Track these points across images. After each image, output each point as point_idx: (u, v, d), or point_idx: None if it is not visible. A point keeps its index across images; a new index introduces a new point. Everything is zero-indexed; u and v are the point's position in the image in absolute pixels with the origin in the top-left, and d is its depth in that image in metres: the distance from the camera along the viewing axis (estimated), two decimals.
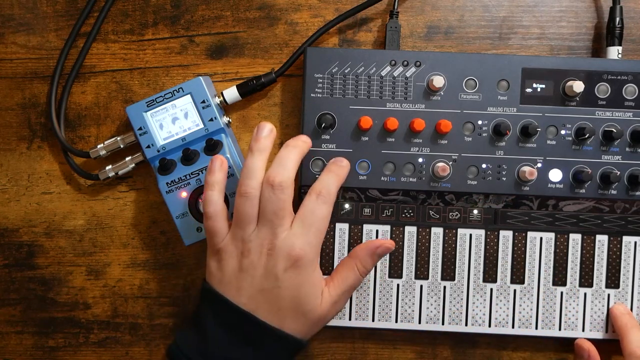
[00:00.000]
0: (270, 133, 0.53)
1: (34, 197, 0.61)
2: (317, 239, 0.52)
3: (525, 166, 0.56)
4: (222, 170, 0.53)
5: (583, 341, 0.57)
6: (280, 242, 0.51)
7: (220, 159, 0.54)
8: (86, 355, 0.62)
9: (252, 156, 0.52)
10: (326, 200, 0.52)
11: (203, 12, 0.60)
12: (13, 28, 0.61)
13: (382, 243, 0.54)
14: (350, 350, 0.61)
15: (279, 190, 0.51)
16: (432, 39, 0.60)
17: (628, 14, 0.59)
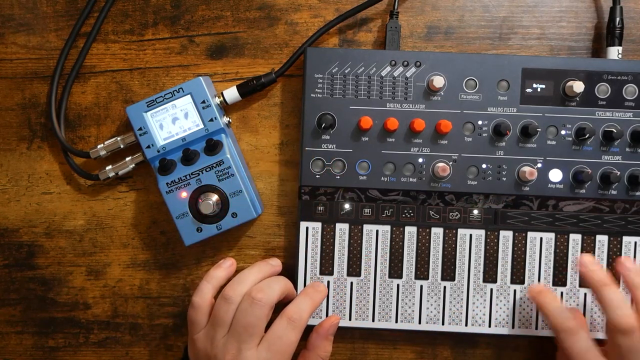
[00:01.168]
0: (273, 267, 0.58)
1: (34, 197, 0.61)
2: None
3: (526, 166, 0.56)
4: (227, 271, 0.57)
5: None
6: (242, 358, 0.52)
7: (232, 261, 0.58)
8: (86, 355, 0.62)
9: (251, 269, 0.56)
10: (296, 326, 0.53)
11: (203, 12, 0.60)
12: (13, 28, 0.61)
13: (330, 323, 0.57)
14: (350, 350, 0.61)
15: (257, 305, 0.52)
16: (432, 39, 0.60)
17: (628, 14, 0.59)
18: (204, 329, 0.54)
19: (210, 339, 0.53)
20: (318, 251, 0.58)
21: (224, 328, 0.53)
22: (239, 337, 0.52)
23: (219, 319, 0.53)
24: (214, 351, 0.53)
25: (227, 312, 0.53)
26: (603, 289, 0.51)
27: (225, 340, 0.53)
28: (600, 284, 0.52)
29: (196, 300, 0.55)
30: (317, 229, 0.58)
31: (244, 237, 0.61)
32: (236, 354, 0.52)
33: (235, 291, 0.54)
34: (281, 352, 0.52)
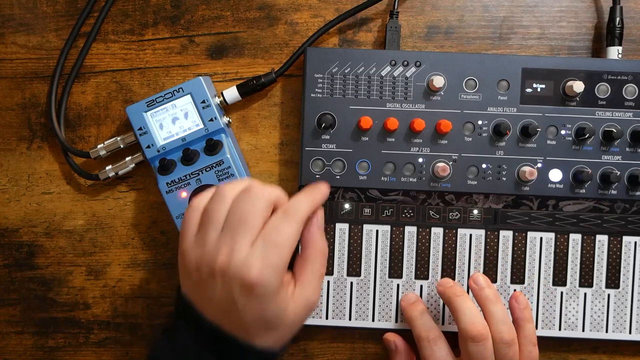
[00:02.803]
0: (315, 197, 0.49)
1: (34, 197, 0.61)
2: (281, 260, 0.45)
3: (525, 166, 0.56)
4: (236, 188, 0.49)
5: (389, 334, 0.58)
6: (236, 262, 0.45)
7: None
8: (86, 355, 0.62)
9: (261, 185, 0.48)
10: (293, 219, 0.46)
11: (203, 12, 0.60)
12: (13, 28, 0.61)
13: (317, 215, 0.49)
14: (350, 350, 0.61)
15: (254, 196, 0.46)
16: (432, 39, 0.60)
17: (628, 14, 0.59)
18: (194, 235, 0.48)
19: (202, 244, 0.47)
20: None
21: (216, 227, 0.46)
22: (233, 233, 0.45)
23: (212, 216, 0.47)
24: (204, 257, 0.46)
25: (220, 209, 0.47)
26: (456, 299, 0.54)
27: (217, 240, 0.46)
28: (453, 294, 0.55)
29: (195, 202, 0.48)
30: None
31: None
32: (229, 252, 0.45)
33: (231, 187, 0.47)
34: (279, 246, 0.45)
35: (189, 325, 0.48)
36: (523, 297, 0.56)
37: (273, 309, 0.46)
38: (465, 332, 0.52)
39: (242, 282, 0.45)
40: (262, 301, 0.45)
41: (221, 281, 0.45)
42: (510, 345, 0.52)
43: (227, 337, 0.46)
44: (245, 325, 0.46)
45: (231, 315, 0.46)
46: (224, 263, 0.45)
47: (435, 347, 0.54)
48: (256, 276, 0.44)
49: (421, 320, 0.55)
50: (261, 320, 0.46)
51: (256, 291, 0.45)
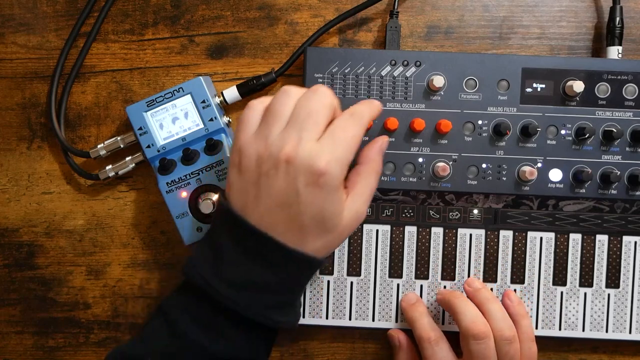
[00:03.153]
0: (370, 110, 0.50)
1: (34, 197, 0.61)
2: (346, 155, 0.47)
3: (526, 166, 0.56)
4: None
5: (393, 330, 0.58)
6: (304, 151, 0.46)
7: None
8: (86, 355, 0.62)
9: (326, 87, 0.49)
10: (358, 121, 0.48)
11: (203, 12, 0.60)
12: (13, 28, 0.61)
13: (382, 139, 0.52)
14: (350, 350, 0.61)
15: (322, 94, 0.47)
16: (432, 38, 0.60)
17: (628, 14, 0.59)
18: (254, 133, 0.48)
19: (264, 138, 0.47)
20: None
21: (281, 122, 0.47)
22: (301, 126, 0.46)
23: (277, 111, 0.47)
24: (268, 150, 0.46)
25: (286, 104, 0.47)
26: (455, 301, 0.55)
27: (282, 133, 0.47)
28: (451, 297, 0.55)
29: (254, 102, 0.49)
30: None
31: None
32: (296, 144, 0.46)
33: (294, 88, 0.48)
34: (345, 142, 0.47)
35: (233, 236, 0.48)
36: (514, 294, 0.57)
37: (331, 206, 0.47)
38: (467, 331, 0.52)
39: (309, 170, 0.45)
40: (324, 193, 0.46)
41: (285, 172, 0.46)
42: (511, 342, 0.52)
43: (279, 246, 0.47)
44: (301, 222, 0.47)
45: (289, 211, 0.47)
46: (292, 152, 0.46)
47: (437, 348, 0.54)
48: (324, 165, 0.45)
49: (422, 321, 0.55)
50: (319, 216, 0.47)
51: (322, 180, 0.46)
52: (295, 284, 0.50)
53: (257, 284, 0.48)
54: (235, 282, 0.47)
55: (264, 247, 0.47)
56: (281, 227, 0.47)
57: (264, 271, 0.47)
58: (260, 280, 0.48)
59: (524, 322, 0.55)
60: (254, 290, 0.48)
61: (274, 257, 0.47)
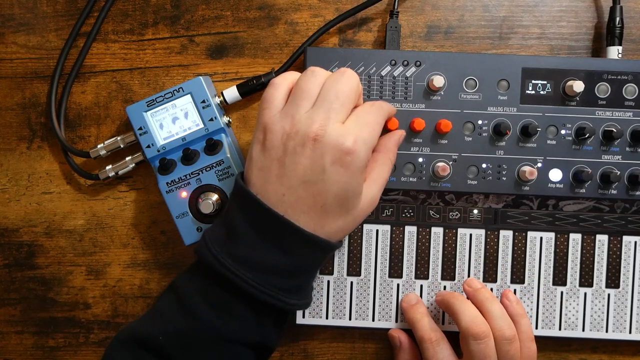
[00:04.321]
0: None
1: (34, 197, 0.61)
2: (371, 138, 0.48)
3: (526, 166, 0.56)
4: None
5: (393, 330, 0.58)
6: (332, 129, 0.46)
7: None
8: (86, 355, 0.62)
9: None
10: (380, 110, 0.49)
11: (203, 12, 0.60)
12: (13, 28, 0.61)
13: (400, 132, 0.54)
14: (350, 350, 0.61)
15: (349, 77, 0.48)
16: (432, 38, 0.60)
17: (628, 14, 0.59)
18: (280, 111, 0.49)
19: (291, 116, 0.47)
20: None
21: (309, 101, 0.48)
22: (329, 106, 0.47)
23: (304, 90, 0.48)
24: (295, 127, 0.47)
25: (314, 84, 0.48)
26: (454, 302, 0.55)
27: (310, 112, 0.47)
28: (450, 297, 0.55)
29: (278, 80, 0.50)
30: None
31: None
32: (324, 123, 0.46)
33: (320, 69, 0.49)
34: (370, 126, 0.48)
35: (248, 216, 0.48)
36: (513, 294, 0.57)
37: (354, 187, 0.48)
38: (467, 330, 0.52)
39: (337, 148, 0.46)
40: (350, 172, 0.47)
41: (312, 149, 0.47)
42: (511, 342, 0.52)
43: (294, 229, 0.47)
44: (324, 200, 0.47)
45: (313, 189, 0.47)
46: (320, 130, 0.46)
47: (438, 349, 0.54)
48: (352, 144, 0.46)
49: (423, 322, 0.55)
50: (343, 195, 0.48)
51: (348, 159, 0.46)
52: (309, 268, 0.50)
53: (272, 266, 0.48)
54: (249, 264, 0.47)
55: (281, 230, 0.47)
56: (303, 206, 0.47)
57: (279, 254, 0.48)
58: (276, 263, 0.48)
59: (523, 322, 0.55)
60: (267, 273, 0.48)
61: (290, 241, 0.48)
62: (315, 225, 0.48)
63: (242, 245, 0.48)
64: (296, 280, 0.49)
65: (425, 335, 0.55)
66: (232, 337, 0.49)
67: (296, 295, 0.50)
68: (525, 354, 0.54)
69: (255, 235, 0.48)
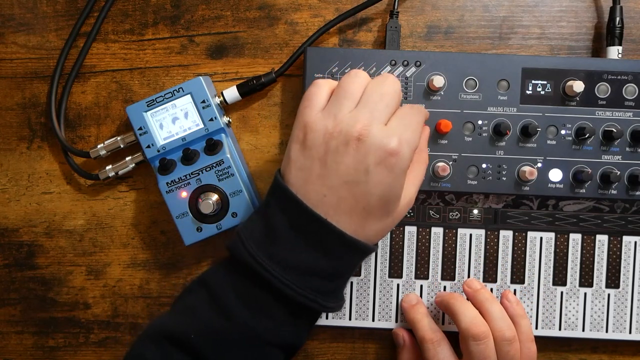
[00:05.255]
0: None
1: (34, 197, 0.61)
2: (414, 140, 0.47)
3: (525, 166, 0.56)
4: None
5: (397, 329, 0.58)
6: (376, 131, 0.46)
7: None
8: (86, 355, 0.62)
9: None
10: (419, 112, 0.49)
11: (203, 12, 0.60)
12: (13, 28, 0.61)
13: (428, 130, 0.54)
14: (350, 350, 0.61)
15: (393, 80, 0.48)
16: (432, 39, 0.60)
17: (628, 14, 0.59)
18: (321, 110, 0.48)
19: (333, 116, 0.47)
20: None
21: (352, 101, 0.47)
22: (374, 106, 0.47)
23: (347, 91, 0.48)
24: (338, 126, 0.46)
25: (358, 84, 0.48)
26: (454, 302, 0.55)
27: (354, 112, 0.47)
28: (450, 298, 0.55)
29: (320, 80, 0.50)
30: None
31: None
32: (368, 123, 0.46)
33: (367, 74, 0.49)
34: (413, 128, 0.47)
35: (288, 216, 0.48)
36: (513, 294, 0.57)
37: (396, 188, 0.47)
38: (467, 331, 0.52)
39: (382, 149, 0.46)
40: (393, 174, 0.46)
41: (355, 149, 0.46)
42: (511, 342, 0.52)
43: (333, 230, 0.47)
44: (367, 202, 0.47)
45: (356, 190, 0.46)
46: (364, 130, 0.46)
47: (439, 349, 0.54)
48: (397, 145, 0.46)
49: (423, 323, 0.55)
50: (385, 197, 0.47)
51: (393, 161, 0.46)
52: (347, 271, 0.50)
53: (311, 269, 0.47)
54: (288, 265, 0.47)
55: (324, 233, 0.47)
56: (345, 207, 0.47)
57: (320, 257, 0.47)
58: (315, 265, 0.47)
59: (523, 322, 0.55)
60: (307, 275, 0.47)
61: (332, 245, 0.47)
62: (356, 227, 0.48)
63: (282, 246, 0.47)
64: (334, 283, 0.49)
65: (426, 335, 0.55)
66: (265, 337, 0.48)
67: (332, 298, 0.49)
68: (525, 355, 0.54)
69: (296, 237, 0.47)
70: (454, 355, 0.54)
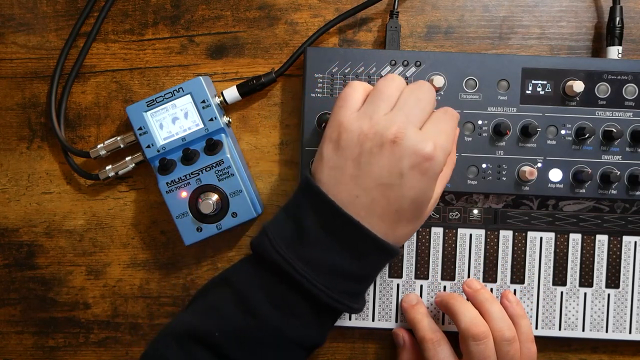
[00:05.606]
0: None
1: (34, 197, 0.61)
2: (448, 145, 0.48)
3: (525, 166, 0.56)
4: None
5: (398, 329, 0.58)
6: (412, 134, 0.46)
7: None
8: (86, 355, 0.62)
9: None
10: (453, 118, 0.49)
11: (203, 12, 0.60)
12: (13, 28, 0.61)
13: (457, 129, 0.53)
14: (350, 350, 0.61)
15: (428, 87, 0.48)
16: (432, 38, 0.60)
17: (628, 14, 0.59)
18: (357, 111, 0.48)
19: (369, 117, 0.47)
20: None
21: (388, 104, 0.48)
22: (409, 110, 0.47)
23: (384, 93, 0.48)
24: (373, 128, 0.46)
25: (394, 88, 0.48)
26: (454, 303, 0.55)
27: (390, 114, 0.47)
28: (450, 298, 0.55)
29: (355, 82, 0.50)
30: None
31: (244, 237, 0.61)
32: (404, 126, 0.46)
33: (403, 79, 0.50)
34: (447, 133, 0.48)
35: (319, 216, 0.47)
36: (513, 294, 0.57)
37: (429, 193, 0.48)
38: (467, 331, 0.52)
39: (417, 153, 0.46)
40: (427, 178, 0.47)
41: (390, 151, 0.46)
42: (511, 343, 0.52)
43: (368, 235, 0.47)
44: (400, 205, 0.47)
45: (389, 192, 0.46)
46: (399, 133, 0.46)
47: (439, 349, 0.54)
48: (431, 150, 0.46)
49: (424, 323, 0.56)
50: (417, 201, 0.47)
51: (427, 165, 0.46)
52: (375, 273, 0.50)
53: (342, 270, 0.47)
54: (319, 267, 0.47)
55: (355, 235, 0.47)
56: (377, 208, 0.47)
57: (351, 259, 0.47)
58: (346, 267, 0.47)
59: (523, 323, 0.55)
60: (337, 277, 0.47)
61: (363, 247, 0.47)
62: (387, 229, 0.48)
63: (313, 247, 0.47)
64: (362, 285, 0.49)
65: (426, 335, 0.55)
66: (291, 336, 0.48)
67: (358, 299, 0.50)
68: (525, 355, 0.54)
69: (328, 239, 0.47)
70: (454, 355, 0.54)
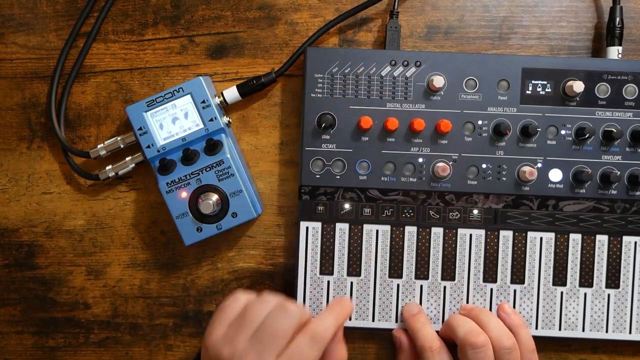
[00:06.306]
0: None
1: (34, 197, 0.61)
2: None
3: (526, 166, 0.56)
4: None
5: (397, 330, 0.58)
6: None
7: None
8: (86, 355, 0.62)
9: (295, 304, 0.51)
10: (318, 345, 0.49)
11: (203, 12, 0.60)
12: (13, 28, 0.61)
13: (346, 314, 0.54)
14: (350, 350, 0.61)
15: (292, 313, 0.49)
16: (432, 39, 0.60)
17: (628, 14, 0.59)
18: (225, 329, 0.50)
19: (230, 340, 0.49)
20: (318, 251, 0.58)
21: (248, 330, 0.49)
22: (262, 343, 0.48)
23: (248, 318, 0.50)
24: (230, 353, 0.49)
25: (259, 313, 0.50)
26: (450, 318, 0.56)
27: (246, 344, 0.49)
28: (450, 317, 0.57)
29: (239, 295, 0.52)
30: (317, 228, 0.58)
31: (244, 237, 0.61)
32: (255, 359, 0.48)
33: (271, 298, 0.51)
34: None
35: None
36: (508, 305, 0.57)
37: None
38: (465, 341, 0.53)
39: None
40: None
41: None
42: (511, 351, 0.53)
43: None
44: None
45: None
46: None
47: (439, 357, 0.54)
48: None
49: (424, 332, 0.56)
50: None
51: None
52: None
53: None
54: None
55: None
56: None
57: None
58: None
59: (523, 333, 0.55)
60: None
61: None
62: None
63: None
64: None
65: (426, 344, 0.55)
66: None
67: None
68: None
69: None
70: None
